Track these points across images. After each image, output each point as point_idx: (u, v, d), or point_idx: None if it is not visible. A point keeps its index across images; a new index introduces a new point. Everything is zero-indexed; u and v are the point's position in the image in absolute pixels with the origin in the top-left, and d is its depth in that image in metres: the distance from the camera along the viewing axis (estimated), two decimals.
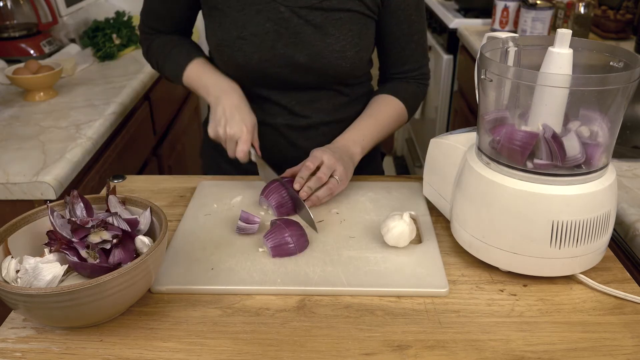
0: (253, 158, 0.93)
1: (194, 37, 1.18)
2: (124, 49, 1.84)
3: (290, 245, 0.78)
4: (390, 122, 1.02)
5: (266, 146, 1.04)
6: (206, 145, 1.18)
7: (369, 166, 1.14)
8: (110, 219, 0.70)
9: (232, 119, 0.92)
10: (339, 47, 0.95)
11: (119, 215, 0.71)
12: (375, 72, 1.11)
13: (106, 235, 0.68)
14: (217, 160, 1.14)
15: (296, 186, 0.87)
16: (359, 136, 0.97)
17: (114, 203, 0.74)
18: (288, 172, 0.93)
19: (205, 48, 1.07)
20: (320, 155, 0.89)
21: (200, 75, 0.99)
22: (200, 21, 1.05)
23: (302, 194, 0.86)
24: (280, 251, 0.78)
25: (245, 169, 1.08)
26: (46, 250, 0.69)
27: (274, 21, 0.93)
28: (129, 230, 0.70)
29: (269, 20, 0.93)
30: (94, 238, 0.68)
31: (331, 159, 0.89)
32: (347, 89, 1.04)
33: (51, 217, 0.69)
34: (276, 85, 1.01)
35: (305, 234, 0.80)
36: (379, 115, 1.01)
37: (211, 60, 1.05)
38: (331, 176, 0.88)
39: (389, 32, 1.00)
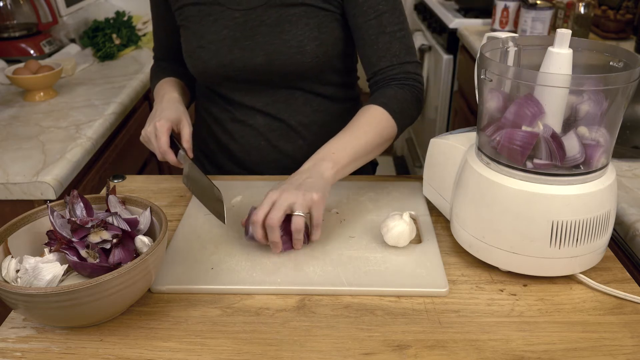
0: (181, 159, 0.92)
1: None
2: (124, 49, 1.84)
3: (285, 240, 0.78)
4: (367, 131, 0.88)
5: (247, 147, 1.06)
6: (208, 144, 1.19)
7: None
8: (110, 219, 0.70)
9: (150, 119, 0.94)
10: (296, 42, 0.94)
11: (119, 215, 0.71)
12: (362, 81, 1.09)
13: (106, 235, 0.68)
14: (218, 161, 1.14)
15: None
16: (328, 152, 0.84)
17: (114, 203, 0.74)
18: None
19: None
20: (269, 196, 0.78)
21: (155, 95, 1.05)
22: None
23: (275, 250, 0.78)
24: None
25: (249, 168, 1.08)
26: (46, 250, 0.69)
27: (230, 28, 0.96)
28: (129, 230, 0.70)
29: (225, 28, 0.96)
30: (94, 238, 0.68)
31: (278, 194, 0.77)
32: (323, 90, 1.03)
33: (51, 217, 0.69)
34: (246, 89, 1.02)
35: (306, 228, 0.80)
36: (351, 126, 0.89)
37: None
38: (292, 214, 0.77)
39: (357, 26, 0.95)
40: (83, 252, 0.67)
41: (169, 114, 0.93)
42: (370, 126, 0.89)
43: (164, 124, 0.91)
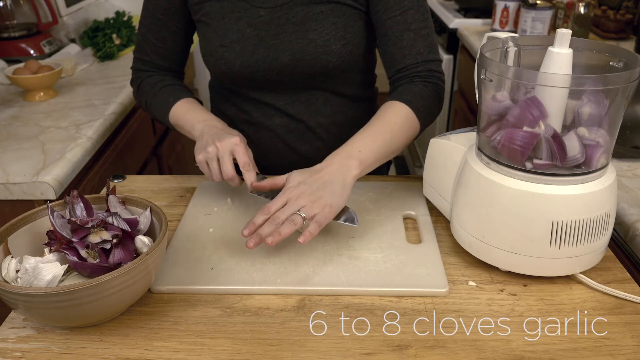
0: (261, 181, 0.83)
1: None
2: (124, 49, 1.84)
3: None
4: (393, 129, 0.87)
5: (263, 149, 1.04)
6: None
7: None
8: (110, 219, 0.70)
9: (219, 135, 0.86)
10: (323, 41, 0.92)
11: (119, 215, 0.71)
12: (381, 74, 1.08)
13: (106, 235, 0.68)
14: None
15: (244, 232, 0.75)
16: (354, 149, 0.83)
17: (114, 203, 0.74)
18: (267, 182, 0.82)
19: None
20: (288, 192, 0.78)
21: (186, 112, 0.96)
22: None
23: (249, 243, 0.73)
24: None
25: (264, 169, 1.06)
26: (46, 250, 0.69)
27: (254, 26, 0.93)
28: (129, 230, 0.70)
29: (249, 26, 0.94)
30: (94, 238, 0.68)
31: (297, 194, 0.77)
32: (345, 89, 1.02)
33: (51, 217, 0.69)
34: (269, 88, 1.00)
35: None
36: (377, 123, 0.88)
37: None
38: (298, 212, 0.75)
39: (380, 22, 0.94)
40: (83, 252, 0.67)
41: (239, 134, 0.87)
42: (396, 125, 0.88)
43: (244, 140, 0.85)
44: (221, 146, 0.83)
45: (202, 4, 0.95)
